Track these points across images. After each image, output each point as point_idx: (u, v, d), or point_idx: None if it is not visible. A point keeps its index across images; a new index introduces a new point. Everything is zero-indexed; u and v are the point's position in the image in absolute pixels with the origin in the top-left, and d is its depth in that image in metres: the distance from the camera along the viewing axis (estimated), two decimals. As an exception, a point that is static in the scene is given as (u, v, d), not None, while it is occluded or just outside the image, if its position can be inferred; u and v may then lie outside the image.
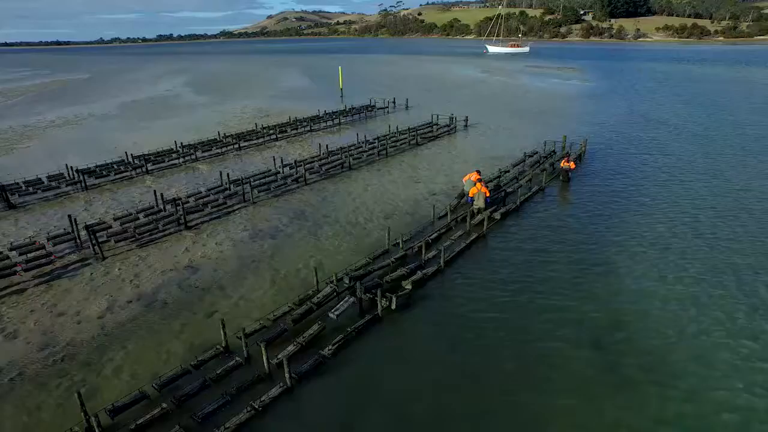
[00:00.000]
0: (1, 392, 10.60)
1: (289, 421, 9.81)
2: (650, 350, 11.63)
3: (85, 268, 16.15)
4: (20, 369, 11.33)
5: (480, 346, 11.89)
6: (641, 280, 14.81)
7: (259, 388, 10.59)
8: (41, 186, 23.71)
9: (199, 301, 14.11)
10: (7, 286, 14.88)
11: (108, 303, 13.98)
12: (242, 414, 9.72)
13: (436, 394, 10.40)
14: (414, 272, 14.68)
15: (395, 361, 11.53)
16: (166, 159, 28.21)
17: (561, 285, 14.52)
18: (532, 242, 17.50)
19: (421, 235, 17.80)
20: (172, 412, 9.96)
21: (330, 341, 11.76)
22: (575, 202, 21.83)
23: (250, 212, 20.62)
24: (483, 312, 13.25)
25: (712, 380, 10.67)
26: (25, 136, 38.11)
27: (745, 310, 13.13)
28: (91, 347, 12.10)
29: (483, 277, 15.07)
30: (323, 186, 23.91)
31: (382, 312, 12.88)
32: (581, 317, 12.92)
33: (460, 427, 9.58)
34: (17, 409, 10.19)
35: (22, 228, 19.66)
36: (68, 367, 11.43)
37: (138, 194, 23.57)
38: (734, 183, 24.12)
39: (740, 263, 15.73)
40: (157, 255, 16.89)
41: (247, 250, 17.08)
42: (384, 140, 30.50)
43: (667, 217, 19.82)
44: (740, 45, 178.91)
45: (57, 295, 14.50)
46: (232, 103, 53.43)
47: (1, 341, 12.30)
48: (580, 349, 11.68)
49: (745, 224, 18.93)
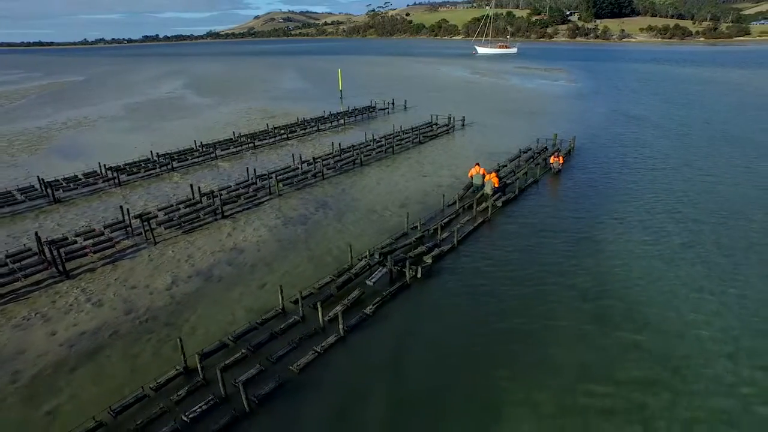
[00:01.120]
0: (105, 344, 12.89)
1: (345, 360, 12.28)
2: (625, 297, 14.31)
3: (142, 251, 18.41)
4: (115, 328, 13.63)
5: (491, 302, 14.49)
6: (621, 250, 17.54)
7: (315, 338, 13.02)
8: (79, 182, 25.79)
9: (249, 275, 16.49)
10: (80, 266, 17.09)
11: (171, 278, 16.29)
12: (308, 355, 12.16)
13: (462, 338, 12.95)
14: (432, 249, 17.22)
15: (424, 315, 14.08)
16: (189, 157, 30.39)
17: (556, 256, 17.21)
18: (530, 225, 20.21)
19: (433, 220, 20.36)
20: (250, 356, 12.36)
21: (370, 302, 14.25)
22: (565, 191, 24.60)
23: (277, 203, 22.99)
24: (492, 279, 15.85)
25: (671, 314, 13.37)
26: (42, 138, 39.84)
27: (701, 268, 15.92)
28: (168, 311, 14.43)
29: (490, 253, 17.69)
30: (339, 180, 26.35)
31: (410, 279, 15.42)
32: (573, 279, 15.62)
33: (482, 356, 12.14)
34: (122, 356, 12.50)
35: (73, 219, 21.79)
36: (153, 326, 13.75)
37: (169, 189, 25.78)
38: (702, 171, 27.48)
39: (705, 238, 18.56)
40: (203, 240, 19.20)
41: (282, 234, 19.48)
42: (390, 139, 33.02)
43: (644, 200, 22.85)
44: (720, 46, 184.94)
45: (125, 272, 16.76)
46: (236, 105, 55.53)
47: (92, 308, 14.56)
48: (571, 301, 14.32)
49: (708, 204, 22.01)
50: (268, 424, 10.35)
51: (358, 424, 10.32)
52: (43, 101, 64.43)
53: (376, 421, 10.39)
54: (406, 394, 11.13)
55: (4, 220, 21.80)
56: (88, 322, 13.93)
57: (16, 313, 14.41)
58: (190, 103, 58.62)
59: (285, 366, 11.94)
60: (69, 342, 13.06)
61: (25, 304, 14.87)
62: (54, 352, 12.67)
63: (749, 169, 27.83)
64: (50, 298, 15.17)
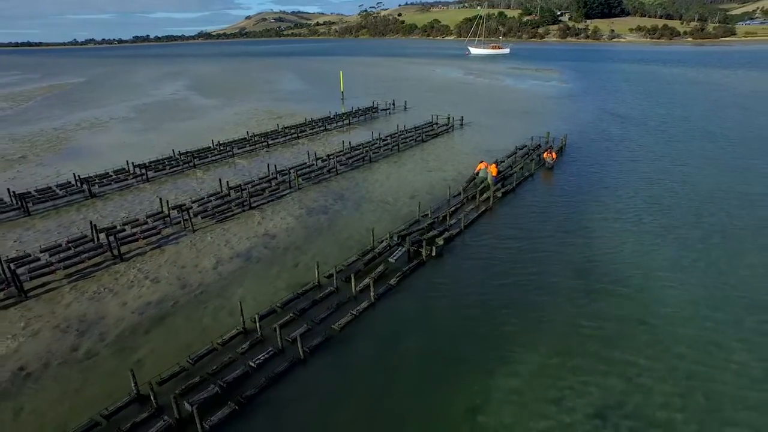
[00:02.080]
0: (170, 312, 15.18)
1: (377, 320, 14.67)
2: (607, 262, 16.84)
3: (183, 237, 20.66)
4: (175, 300, 15.91)
5: (496, 274, 16.98)
6: (606, 230, 20.10)
7: (350, 304, 15.40)
8: (111, 179, 27.90)
9: (283, 256, 18.83)
10: (131, 251, 19.31)
11: (215, 259, 18.59)
12: (346, 317, 14.54)
13: (472, 298, 15.42)
14: (442, 233, 19.65)
15: (439, 284, 16.54)
16: (209, 155, 32.59)
17: (549, 235, 19.78)
18: (526, 212, 22.76)
19: (441, 208, 22.80)
20: (297, 318, 14.71)
21: (393, 276, 16.67)
22: (558, 183, 27.18)
23: (298, 196, 25.31)
24: (494, 254, 18.37)
25: (640, 271, 16.03)
26: (61, 138, 41.72)
27: (671, 240, 18.53)
28: (217, 286, 16.73)
29: (493, 235, 20.20)
30: (352, 175, 28.71)
31: (426, 257, 17.86)
32: (563, 251, 18.24)
33: (490, 309, 14.63)
34: (186, 321, 14.80)
35: (113, 211, 23.94)
36: (207, 297, 16.06)
37: (195, 184, 27.97)
38: (678, 162, 30.68)
39: (675, 221, 21.19)
40: (237, 227, 21.49)
41: (308, 222, 21.83)
42: (395, 137, 35.45)
43: (627, 188, 25.66)
44: (707, 46, 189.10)
45: (172, 255, 19.02)
46: (241, 106, 57.58)
47: (151, 284, 16.82)
48: (562, 266, 16.84)
49: (681, 190, 24.83)
50: (320, 368, 12.72)
51: (394, 366, 12.73)
52: (50, 103, 65.93)
53: (408, 362, 12.82)
54: (430, 342, 13.59)
55: (50, 212, 23.91)
56: (151, 295, 16.20)
57: (87, 288, 16.64)
58: (195, 105, 60.54)
59: (327, 325, 14.32)
60: (139, 310, 15.34)
61: (92, 281, 17.10)
62: (128, 318, 14.94)
63: (719, 160, 30.90)
64: (112, 277, 17.41)
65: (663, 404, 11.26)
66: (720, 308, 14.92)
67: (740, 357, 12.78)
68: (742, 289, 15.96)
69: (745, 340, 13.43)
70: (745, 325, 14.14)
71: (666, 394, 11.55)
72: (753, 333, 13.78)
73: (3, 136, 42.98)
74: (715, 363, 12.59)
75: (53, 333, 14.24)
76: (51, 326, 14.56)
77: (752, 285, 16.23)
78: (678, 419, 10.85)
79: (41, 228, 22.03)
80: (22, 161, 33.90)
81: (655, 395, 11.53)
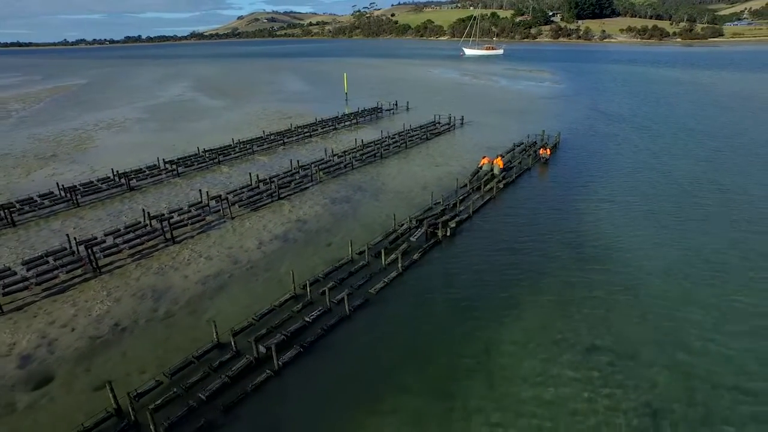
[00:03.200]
0: (227, 282, 17.90)
1: (406, 285, 17.51)
2: (596, 240, 19.79)
3: (223, 224, 23.33)
4: (229, 273, 18.62)
5: (502, 249, 19.91)
6: (595, 214, 23.08)
7: (380, 275, 18.21)
8: (145, 173, 30.46)
9: (316, 238, 21.60)
10: (181, 234, 21.98)
11: (258, 241, 21.31)
12: (380, 284, 17.35)
13: (483, 267, 18.29)
14: (454, 218, 22.52)
15: (454, 258, 19.43)
16: (231, 152, 35.22)
17: (546, 219, 22.71)
18: (525, 200, 25.72)
19: (450, 197, 25.67)
20: (338, 286, 17.48)
21: (415, 252, 19.52)
22: (553, 176, 30.18)
23: (320, 188, 28.04)
24: (499, 234, 21.28)
25: (631, 247, 18.93)
26: (83, 138, 44.05)
27: (649, 219, 21.55)
28: (264, 262, 19.47)
29: (497, 218, 23.14)
30: (366, 170, 31.50)
31: (441, 237, 20.74)
32: (559, 230, 21.21)
33: (498, 275, 17.49)
34: (242, 289, 17.52)
35: (154, 202, 26.51)
36: (257, 271, 18.79)
37: (223, 178, 30.59)
38: (659, 155, 33.75)
39: (652, 204, 24.23)
40: (271, 215, 24.20)
41: (333, 210, 24.60)
42: (403, 135, 38.31)
43: (614, 180, 28.74)
44: (695, 47, 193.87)
45: (218, 238, 21.71)
46: (250, 107, 60.08)
47: (205, 261, 19.52)
48: (558, 243, 19.78)
49: (661, 179, 27.91)
50: (363, 322, 15.53)
51: (422, 317, 15.58)
52: (60, 104, 67.96)
53: (434, 315, 15.68)
54: (450, 299, 16.48)
55: (96, 203, 26.46)
56: (208, 270, 18.90)
57: (150, 265, 19.30)
58: (204, 106, 62.93)
59: (365, 290, 17.13)
60: (200, 281, 18.04)
61: (152, 259, 19.75)
62: (193, 288, 17.64)
63: (696, 153, 34.26)
64: (170, 256, 20.07)
65: (639, 336, 14.19)
66: (689, 274, 17.91)
67: (697, 296, 15.77)
68: (711, 263, 18.98)
69: (704, 286, 16.43)
70: (709, 287, 17.14)
71: (640, 330, 14.48)
72: (717, 292, 16.78)
73: (27, 136, 45.23)
74: (677, 303, 15.56)
75: (133, 299, 16.92)
76: (129, 294, 17.23)
77: (716, 257, 19.26)
78: (656, 350, 13.78)
79: (93, 216, 24.59)
80: (54, 159, 36.29)
81: (638, 339, 14.46)
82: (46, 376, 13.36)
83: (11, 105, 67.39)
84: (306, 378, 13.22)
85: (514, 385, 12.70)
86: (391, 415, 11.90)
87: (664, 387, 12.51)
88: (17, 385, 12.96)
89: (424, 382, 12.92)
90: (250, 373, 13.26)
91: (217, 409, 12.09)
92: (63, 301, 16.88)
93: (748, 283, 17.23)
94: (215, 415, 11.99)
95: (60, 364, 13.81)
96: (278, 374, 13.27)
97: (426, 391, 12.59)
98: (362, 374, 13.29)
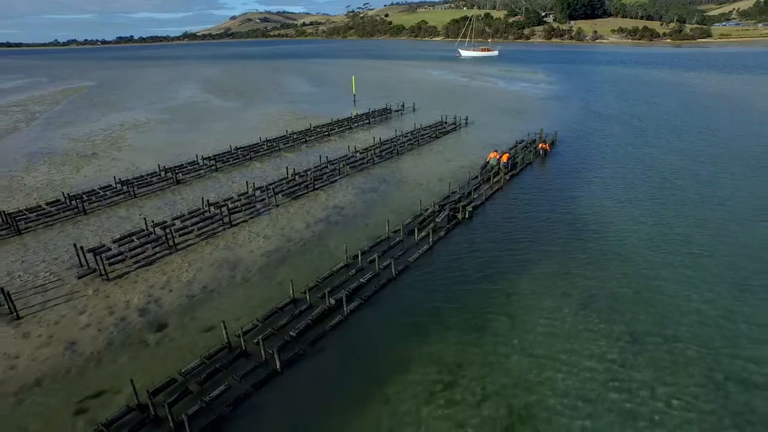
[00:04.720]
0: (287, 256, 21.54)
1: (436, 256, 21.25)
2: (592, 221, 23.64)
3: (271, 210, 26.92)
4: (287, 249, 22.28)
5: (513, 227, 23.72)
6: (591, 201, 26.98)
7: (411, 250, 21.93)
8: (188, 169, 33.95)
9: (353, 220, 25.30)
10: (240, 218, 25.55)
11: (305, 223, 24.96)
12: (416, 254, 21.09)
13: (496, 241, 22.07)
14: (470, 203, 26.32)
15: (475, 234, 23.21)
16: (261, 150, 38.79)
17: (550, 209, 26.55)
18: (529, 189, 29.61)
19: (464, 187, 29.45)
20: (380, 256, 21.16)
21: (441, 230, 23.30)
22: (552, 168, 34.09)
23: (348, 180, 31.71)
24: (508, 216, 25.11)
25: (622, 227, 22.79)
26: (115, 138, 47.27)
27: (636, 204, 25.46)
28: (314, 239, 23.13)
29: (507, 204, 27.00)
30: (385, 165, 35.22)
31: (461, 219, 24.55)
32: (559, 214, 25.02)
33: (509, 248, 21.26)
34: (301, 261, 21.17)
35: (201, 193, 30.01)
36: (310, 246, 22.43)
37: (258, 172, 34.13)
38: (647, 151, 37.48)
39: (639, 192, 28.19)
40: (310, 203, 27.83)
41: (364, 198, 28.29)
42: (415, 134, 42.10)
43: (607, 171, 32.58)
44: (684, 48, 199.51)
45: (270, 222, 25.30)
46: (264, 108, 63.51)
47: (263, 240, 23.14)
48: (558, 224, 23.60)
49: (648, 172, 31.78)
50: (406, 283, 19.25)
51: (454, 278, 19.33)
52: (78, 106, 70.87)
53: (463, 275, 19.44)
54: (475, 265, 20.22)
55: (150, 195, 29.91)
56: (267, 246, 22.52)
57: (217, 244, 22.87)
58: (219, 107, 66.24)
59: (404, 259, 20.87)
60: (265, 255, 21.67)
61: (218, 238, 23.32)
62: (259, 260, 21.26)
63: (676, 147, 38.28)
64: (232, 236, 23.65)
65: (623, 288, 18.03)
66: (665, 243, 21.83)
67: (670, 260, 19.66)
68: (683, 235, 22.92)
69: (675, 254, 20.33)
70: (681, 252, 21.05)
71: (624, 283, 18.33)
72: (686, 255, 20.69)
73: (60, 136, 48.37)
74: (654, 265, 19.44)
75: (212, 268, 20.50)
76: (207, 265, 20.81)
77: (687, 230, 23.21)
78: (636, 297, 17.62)
79: (152, 206, 28.07)
80: (96, 157, 39.61)
81: (623, 290, 18.31)
82: (162, 323, 16.94)
83: (32, 107, 70.27)
84: (368, 320, 16.94)
85: (529, 323, 16.47)
86: (436, 344, 15.62)
87: (642, 322, 16.35)
88: (143, 329, 16.53)
89: (461, 320, 16.67)
90: (324, 318, 16.93)
91: (305, 342, 15.76)
92: (154, 271, 20.42)
93: (713, 251, 21.15)
94: (304, 346, 15.64)
95: (169, 315, 17.39)
96: (346, 319, 16.96)
97: (462, 327, 16.34)
98: (410, 317, 17.00)
